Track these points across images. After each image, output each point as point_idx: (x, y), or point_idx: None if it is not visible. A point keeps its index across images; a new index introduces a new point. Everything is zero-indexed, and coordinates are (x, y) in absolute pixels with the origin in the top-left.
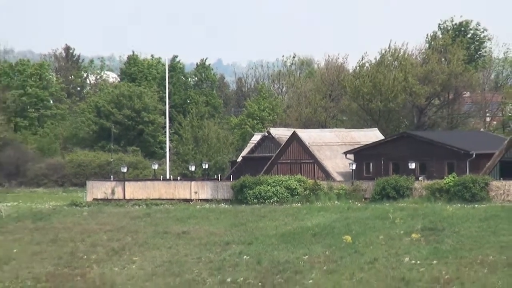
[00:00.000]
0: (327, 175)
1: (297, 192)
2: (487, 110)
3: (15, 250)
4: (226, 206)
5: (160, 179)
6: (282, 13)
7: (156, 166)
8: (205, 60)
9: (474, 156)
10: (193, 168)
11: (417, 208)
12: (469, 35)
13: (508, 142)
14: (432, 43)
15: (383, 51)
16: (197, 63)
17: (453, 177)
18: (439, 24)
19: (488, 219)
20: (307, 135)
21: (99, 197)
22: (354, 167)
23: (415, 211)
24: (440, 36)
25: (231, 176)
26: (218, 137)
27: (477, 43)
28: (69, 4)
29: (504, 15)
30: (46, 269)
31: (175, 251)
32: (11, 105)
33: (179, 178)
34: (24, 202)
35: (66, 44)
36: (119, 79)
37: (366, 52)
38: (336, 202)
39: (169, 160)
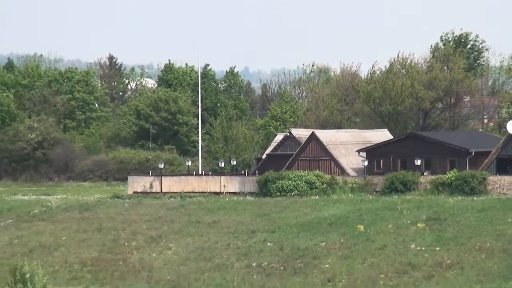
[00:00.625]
0: (342, 171)
1: (315, 186)
2: (485, 113)
3: (64, 238)
4: (252, 198)
5: (193, 174)
6: (303, 26)
7: (189, 163)
8: (234, 68)
9: (473, 154)
10: (222, 164)
11: (422, 200)
12: (468, 46)
13: (503, 142)
14: (436, 53)
15: (392, 60)
16: (226, 71)
17: (454, 172)
18: (442, 36)
19: (485, 210)
20: (324, 135)
21: (138, 190)
22: (366, 163)
23: (421, 203)
24: (443, 46)
25: (256, 171)
26: (245, 137)
27: (476, 53)
28: (113, 18)
29: (501, 27)
30: (91, 255)
31: (206, 238)
32: (61, 108)
33: (210, 173)
34: (72, 194)
35: (110, 54)
36: (156, 85)
37: (376, 61)
38: (350, 195)
39: (201, 157)
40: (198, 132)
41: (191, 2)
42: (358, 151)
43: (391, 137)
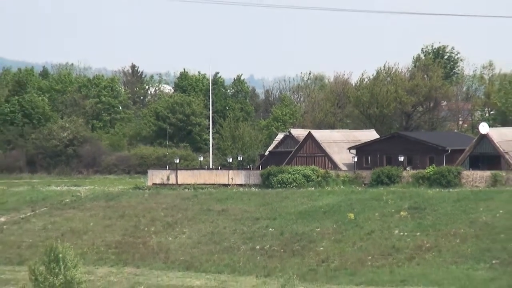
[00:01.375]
0: (335, 166)
1: (311, 179)
2: (459, 116)
3: (91, 224)
4: (256, 189)
5: (204, 168)
6: (301, 39)
7: (201, 158)
8: (240, 75)
9: (449, 151)
10: (230, 160)
11: (405, 191)
12: (445, 57)
13: (475, 141)
14: (417, 63)
15: (379, 69)
16: (234, 78)
17: (433, 167)
18: (422, 48)
19: (460, 201)
20: (319, 134)
21: (157, 182)
22: (355, 159)
23: (403, 194)
24: (423, 57)
25: (260, 166)
26: (250, 136)
27: (452, 63)
28: (135, 31)
29: (474, 41)
30: (115, 238)
31: (216, 224)
32: (89, 111)
33: (219, 167)
34: (98, 186)
35: (132, 63)
36: (173, 90)
37: (365, 70)
38: (342, 186)
39: (212, 154)
40: (209, 131)
41: (204, 19)
42: (349, 148)
43: (377, 136)
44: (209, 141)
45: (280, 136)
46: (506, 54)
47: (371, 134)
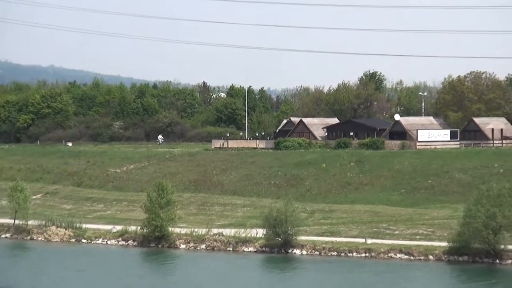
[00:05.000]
0: (315, 138)
1: (302, 145)
2: (383, 110)
3: (180, 169)
4: (271, 150)
5: (243, 139)
6: (297, 66)
7: (241, 133)
8: (263, 88)
9: (378, 130)
10: (257, 134)
11: (353, 152)
12: (376, 77)
13: (392, 124)
14: (361, 80)
15: (339, 84)
16: (259, 89)
17: (369, 139)
18: (364, 72)
19: (384, 157)
20: (306, 120)
21: (217, 146)
22: (326, 134)
23: (352, 153)
24: (364, 77)
25: (274, 137)
26: (268, 121)
27: (380, 81)
28: (204, 58)
29: (392, 65)
30: (193, 177)
31: (249, 170)
32: (180, 107)
33: (251, 138)
34: (184, 148)
35: (204, 81)
36: (225, 96)
37: (331, 85)
38: (318, 149)
39: (247, 131)
40: (245, 118)
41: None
42: (323, 128)
43: (338, 121)
44: (245, 124)
45: (284, 121)
46: (411, 74)
47: (334, 120)
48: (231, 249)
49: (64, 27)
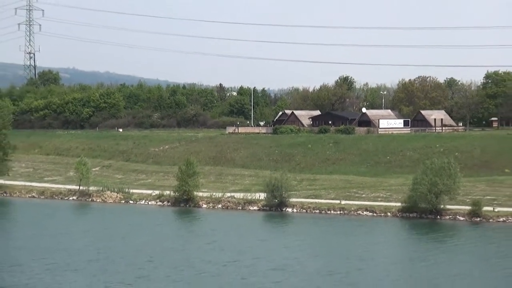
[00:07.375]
0: (303, 125)
1: (293, 131)
2: (354, 105)
3: (202, 148)
4: (270, 135)
5: (249, 126)
6: (292, 72)
7: (248, 122)
8: (264, 88)
9: (349, 119)
10: (260, 123)
11: (331, 136)
12: (348, 80)
13: (360, 115)
14: (337, 82)
15: (321, 85)
16: (262, 89)
17: (344, 126)
18: (339, 76)
19: (354, 140)
20: (297, 112)
21: (230, 131)
22: (311, 123)
23: (331, 136)
24: (339, 80)
25: (272, 125)
26: (268, 113)
27: (351, 83)
28: (220, 66)
29: (362, 70)
30: (213, 154)
31: (254, 149)
32: (202, 102)
33: (256, 125)
34: (205, 133)
35: (220, 83)
36: (236, 94)
37: (315, 86)
38: (306, 133)
39: (252, 120)
40: (251, 111)
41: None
42: (309, 118)
43: (320, 113)
44: (251, 115)
45: (280, 113)
46: (374, 78)
47: (317, 112)
48: (240, 208)
49: (121, 44)
